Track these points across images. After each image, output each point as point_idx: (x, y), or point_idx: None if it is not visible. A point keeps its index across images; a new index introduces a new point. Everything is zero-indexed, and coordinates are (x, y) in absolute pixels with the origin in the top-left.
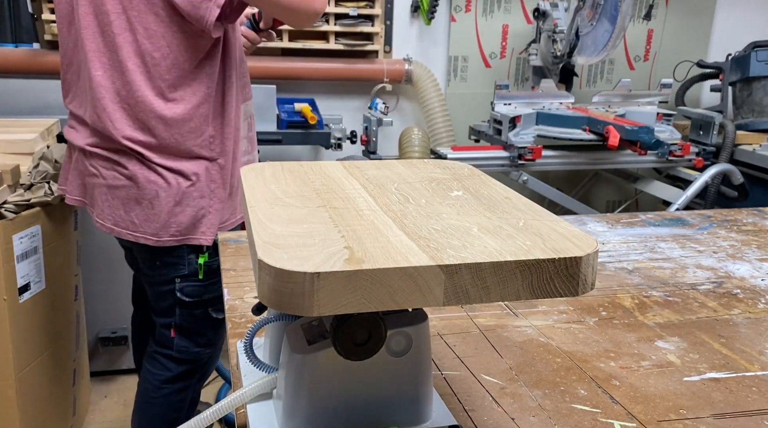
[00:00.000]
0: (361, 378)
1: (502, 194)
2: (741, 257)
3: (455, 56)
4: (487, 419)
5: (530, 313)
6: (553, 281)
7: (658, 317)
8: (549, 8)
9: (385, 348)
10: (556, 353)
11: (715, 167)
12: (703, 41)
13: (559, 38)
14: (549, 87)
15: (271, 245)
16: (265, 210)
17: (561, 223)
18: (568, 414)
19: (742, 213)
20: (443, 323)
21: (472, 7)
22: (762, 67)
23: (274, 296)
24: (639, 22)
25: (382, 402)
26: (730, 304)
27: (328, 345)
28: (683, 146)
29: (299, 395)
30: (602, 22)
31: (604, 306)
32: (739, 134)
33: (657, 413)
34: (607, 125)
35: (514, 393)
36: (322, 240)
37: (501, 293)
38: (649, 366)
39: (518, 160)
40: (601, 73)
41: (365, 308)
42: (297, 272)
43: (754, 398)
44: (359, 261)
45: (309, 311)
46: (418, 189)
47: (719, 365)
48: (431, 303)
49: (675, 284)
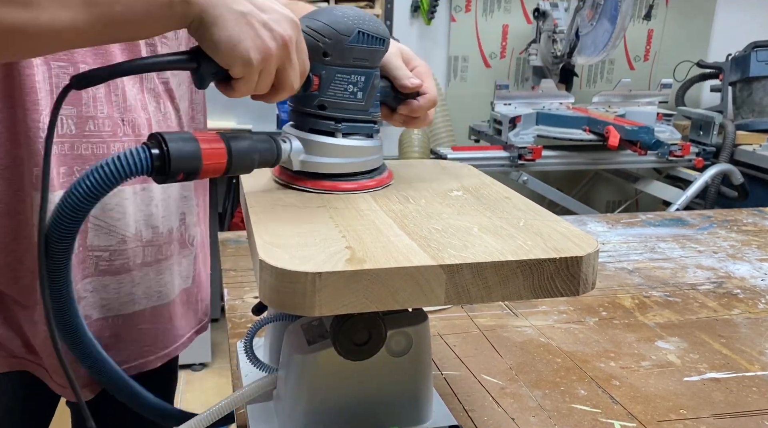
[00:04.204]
0: (361, 378)
1: (502, 194)
2: (741, 257)
3: (455, 56)
4: (487, 419)
5: (530, 313)
6: (554, 281)
7: (658, 318)
8: (549, 8)
9: (385, 348)
10: (557, 353)
11: (715, 167)
12: (703, 41)
13: (559, 38)
14: (549, 87)
15: (272, 246)
16: (266, 210)
17: (561, 223)
18: (568, 414)
19: (742, 213)
20: (443, 323)
21: (472, 7)
22: (762, 67)
23: (276, 296)
24: (639, 22)
25: (382, 402)
26: (731, 304)
27: (328, 345)
28: (683, 146)
29: (299, 395)
30: (602, 22)
31: (604, 306)
32: (739, 134)
33: (657, 413)
34: (607, 125)
35: (514, 393)
36: (323, 240)
37: (502, 292)
38: (650, 366)
39: (518, 160)
40: (601, 73)
41: (366, 308)
42: (298, 272)
43: (754, 398)
44: (360, 261)
45: (310, 311)
46: (418, 189)
47: (719, 365)
48: (432, 303)
49: (675, 284)
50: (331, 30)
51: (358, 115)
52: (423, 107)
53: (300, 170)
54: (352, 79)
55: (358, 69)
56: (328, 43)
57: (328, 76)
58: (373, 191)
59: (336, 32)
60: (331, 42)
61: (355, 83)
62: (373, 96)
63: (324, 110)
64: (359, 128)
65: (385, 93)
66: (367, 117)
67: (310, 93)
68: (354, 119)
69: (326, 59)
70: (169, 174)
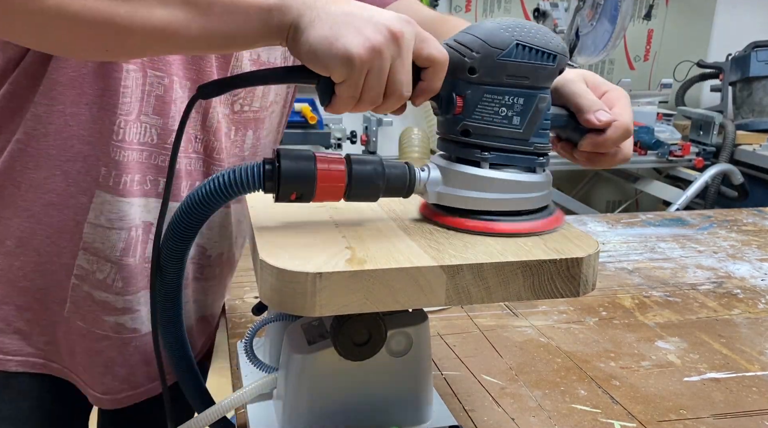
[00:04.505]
0: (361, 378)
1: None
2: (741, 257)
3: None
4: (487, 419)
5: (530, 313)
6: (555, 282)
7: (658, 318)
8: (549, 8)
9: (385, 348)
10: (556, 353)
11: (715, 167)
12: (703, 41)
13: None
14: None
15: (272, 246)
16: (266, 211)
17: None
18: (568, 414)
19: (742, 213)
20: (443, 323)
21: (472, 7)
22: (762, 67)
23: (276, 296)
24: (639, 22)
25: (382, 402)
26: (730, 304)
27: (328, 345)
28: (683, 146)
29: (299, 395)
30: (602, 22)
31: (604, 306)
32: (739, 134)
33: (657, 413)
34: None
35: (514, 393)
36: (324, 240)
37: (502, 293)
38: (650, 366)
39: None
40: (601, 73)
41: (367, 308)
42: (299, 273)
43: (754, 398)
44: (361, 261)
45: (311, 311)
46: None
47: (719, 365)
48: (433, 304)
49: (675, 284)
50: (481, 42)
51: (513, 144)
52: (611, 139)
53: (436, 202)
54: (506, 101)
55: (514, 89)
56: (476, 58)
57: (474, 97)
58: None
59: (486, 45)
60: (479, 56)
61: (510, 106)
62: (536, 123)
63: (468, 136)
64: (514, 159)
65: (561, 122)
66: (527, 148)
67: (453, 116)
68: (507, 148)
69: (473, 77)
70: (281, 192)
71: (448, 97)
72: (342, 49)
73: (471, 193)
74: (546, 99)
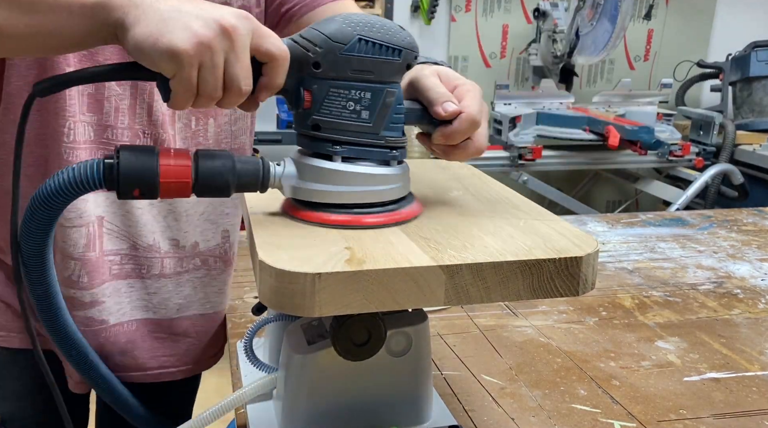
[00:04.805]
0: (361, 378)
1: (502, 194)
2: (741, 257)
3: (455, 56)
4: (487, 419)
5: (530, 313)
6: (554, 281)
7: (658, 317)
8: (549, 8)
9: (385, 348)
10: (556, 353)
11: (715, 167)
12: (703, 41)
13: (559, 38)
14: (549, 87)
15: (271, 246)
16: (265, 211)
17: (561, 223)
18: (568, 414)
19: (742, 213)
20: (443, 323)
21: (472, 7)
22: (762, 67)
23: (275, 296)
24: (639, 22)
25: (382, 402)
26: (731, 304)
27: (328, 345)
28: (683, 146)
29: (299, 395)
30: (602, 22)
31: (604, 306)
32: (739, 134)
33: (657, 413)
34: (607, 125)
35: (514, 393)
36: (323, 241)
37: (502, 293)
38: (649, 366)
39: (518, 160)
40: (601, 73)
41: (366, 308)
42: (298, 273)
43: (754, 398)
44: (360, 262)
45: (310, 311)
46: (418, 189)
47: (719, 365)
48: (432, 303)
49: (675, 284)
50: (324, 37)
51: (364, 137)
52: (458, 131)
53: (291, 196)
54: (352, 95)
55: (359, 83)
56: (319, 52)
57: (321, 91)
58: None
59: (328, 40)
60: (322, 51)
61: (357, 100)
62: (386, 116)
63: (319, 130)
64: (367, 152)
65: (416, 116)
66: (378, 141)
67: (303, 111)
68: (358, 142)
69: (317, 71)
70: (120, 189)
71: (296, 92)
72: (167, 45)
73: (324, 186)
74: (394, 93)
